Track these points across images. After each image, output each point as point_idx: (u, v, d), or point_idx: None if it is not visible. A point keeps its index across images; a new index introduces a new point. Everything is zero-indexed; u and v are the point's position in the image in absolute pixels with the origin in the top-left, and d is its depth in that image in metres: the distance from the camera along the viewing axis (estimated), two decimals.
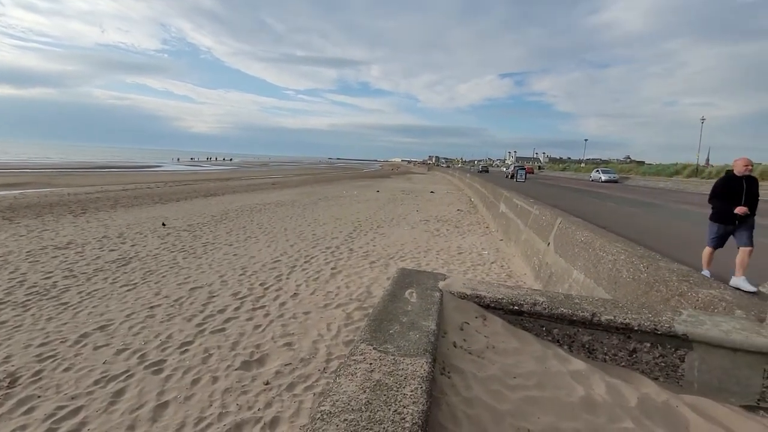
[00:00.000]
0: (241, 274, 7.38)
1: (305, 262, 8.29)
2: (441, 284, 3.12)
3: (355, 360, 1.89)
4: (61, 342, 4.69)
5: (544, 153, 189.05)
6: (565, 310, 2.77)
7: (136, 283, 6.77)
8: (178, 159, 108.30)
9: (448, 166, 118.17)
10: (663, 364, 2.60)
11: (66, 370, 4.14)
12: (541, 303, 2.84)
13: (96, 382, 3.96)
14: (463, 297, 2.97)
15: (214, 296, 6.27)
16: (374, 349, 2.02)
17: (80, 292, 6.28)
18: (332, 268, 7.89)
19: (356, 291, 6.59)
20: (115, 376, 4.06)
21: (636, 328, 2.64)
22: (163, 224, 11.20)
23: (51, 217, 12.54)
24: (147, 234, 10.64)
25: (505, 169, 59.27)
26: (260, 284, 6.85)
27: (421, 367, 1.86)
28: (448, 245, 10.39)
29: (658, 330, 2.62)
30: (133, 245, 9.42)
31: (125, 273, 7.32)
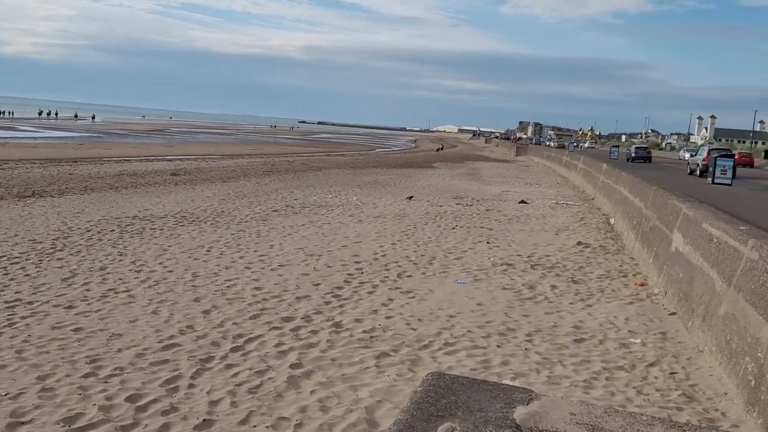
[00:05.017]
0: (85, 376, 5.46)
1: (233, 350, 6.31)
2: (519, 413, 2.20)
3: None
4: None
5: None
6: None
7: None
8: None
9: (563, 146, 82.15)
10: None
11: None
12: None
13: None
14: None
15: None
16: None
17: None
18: (292, 365, 6.08)
19: (343, 422, 5.12)
20: None
21: None
22: None
23: None
24: None
25: (688, 155, 41.62)
26: (127, 398, 5.19)
27: None
28: (551, 322, 7.79)
29: None
30: None
31: None
